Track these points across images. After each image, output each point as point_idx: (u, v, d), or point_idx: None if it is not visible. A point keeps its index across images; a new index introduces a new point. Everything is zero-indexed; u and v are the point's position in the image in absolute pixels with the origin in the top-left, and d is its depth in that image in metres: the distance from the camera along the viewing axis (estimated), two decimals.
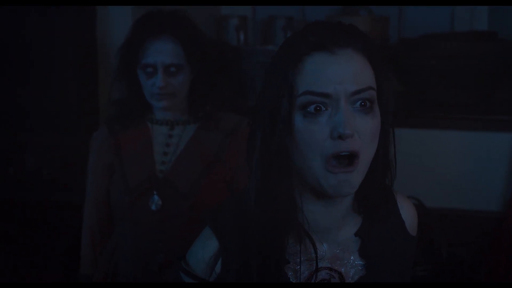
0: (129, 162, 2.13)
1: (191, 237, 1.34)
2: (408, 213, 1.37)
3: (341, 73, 1.15)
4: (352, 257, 1.29)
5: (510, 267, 2.66)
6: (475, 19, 3.41)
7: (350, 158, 1.16)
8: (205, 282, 1.25)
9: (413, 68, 2.96)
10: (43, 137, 2.82)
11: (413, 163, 2.76)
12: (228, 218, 1.26)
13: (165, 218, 2.08)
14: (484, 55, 2.85)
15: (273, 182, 1.20)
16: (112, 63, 2.19)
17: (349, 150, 1.15)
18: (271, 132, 1.19)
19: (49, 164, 2.82)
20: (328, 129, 1.15)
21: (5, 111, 2.84)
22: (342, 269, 1.28)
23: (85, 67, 2.87)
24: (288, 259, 1.23)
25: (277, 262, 1.22)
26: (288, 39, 1.23)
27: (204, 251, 1.26)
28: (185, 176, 2.09)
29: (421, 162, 2.80)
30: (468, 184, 2.85)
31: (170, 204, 2.08)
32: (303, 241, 1.23)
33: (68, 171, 2.80)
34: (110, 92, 2.20)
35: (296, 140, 1.17)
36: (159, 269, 2.09)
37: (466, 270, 2.70)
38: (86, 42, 2.87)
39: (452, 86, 2.90)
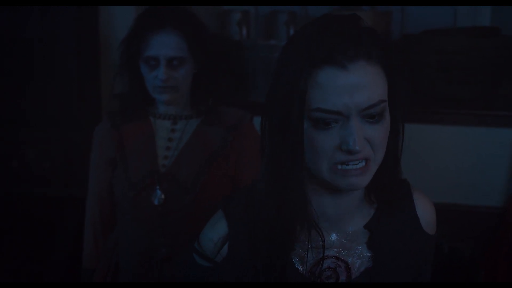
0: (131, 157, 2.13)
1: (193, 232, 1.39)
2: (424, 210, 1.37)
3: (352, 89, 1.15)
4: (360, 248, 1.30)
5: (511, 263, 2.66)
6: (478, 15, 3.40)
7: (363, 163, 1.18)
8: (213, 262, 1.29)
9: (415, 64, 2.96)
10: (45, 132, 2.83)
11: (414, 158, 2.76)
12: (240, 204, 1.29)
13: (167, 212, 2.08)
14: (487, 51, 2.85)
15: (283, 174, 1.22)
16: (114, 58, 2.19)
17: (359, 159, 1.17)
18: (280, 136, 1.21)
19: (51, 159, 2.82)
20: (338, 140, 1.16)
21: (7, 106, 2.84)
22: (349, 260, 1.29)
23: (87, 61, 2.87)
24: (294, 246, 1.26)
25: (283, 249, 1.24)
26: (299, 43, 1.20)
27: (214, 232, 1.30)
28: (188, 171, 2.09)
29: (422, 157, 2.80)
30: (469, 179, 2.85)
31: (172, 198, 2.08)
32: (311, 230, 1.25)
33: (70, 165, 2.80)
34: (113, 86, 2.20)
35: (306, 146, 1.19)
36: (161, 264, 2.10)
37: (466, 265, 2.70)
38: (88, 36, 2.87)
39: (454, 81, 2.90)
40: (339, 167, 1.18)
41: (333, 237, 1.29)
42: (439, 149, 2.87)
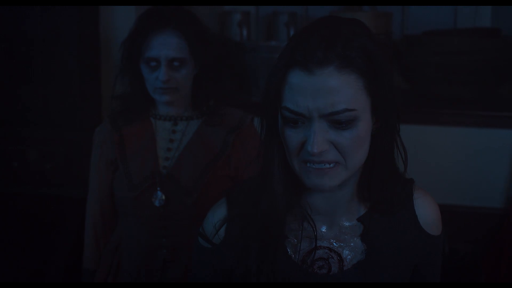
0: (132, 158, 2.13)
1: (194, 233, 1.44)
2: (424, 209, 1.38)
3: (315, 93, 1.17)
4: (353, 241, 1.33)
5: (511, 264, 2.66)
6: (479, 16, 3.41)
7: (328, 166, 1.22)
8: (212, 243, 1.36)
9: (416, 65, 2.96)
10: (46, 132, 2.82)
11: (415, 159, 2.76)
12: (242, 192, 1.36)
13: (168, 214, 2.08)
14: (487, 52, 2.85)
15: (269, 167, 1.29)
16: (115, 59, 2.19)
17: (323, 161, 1.20)
18: (265, 131, 1.28)
19: (51, 159, 2.82)
20: (304, 139, 1.21)
21: (8, 106, 2.84)
22: (343, 251, 1.33)
23: (88, 62, 2.86)
24: (287, 234, 1.31)
25: (274, 237, 1.29)
26: (287, 44, 1.25)
27: (214, 215, 1.37)
28: (189, 172, 2.09)
29: (423, 158, 2.80)
30: (470, 181, 2.85)
31: (173, 200, 2.08)
32: (303, 220, 1.30)
33: (71, 166, 2.80)
34: (114, 87, 2.20)
35: (283, 140, 1.25)
36: (162, 265, 2.10)
37: (467, 267, 2.70)
38: (89, 37, 2.87)
39: (455, 82, 2.90)
40: (308, 164, 1.22)
41: (326, 229, 1.33)
42: (440, 150, 2.87)
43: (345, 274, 1.31)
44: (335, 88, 1.17)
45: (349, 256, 1.33)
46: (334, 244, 1.33)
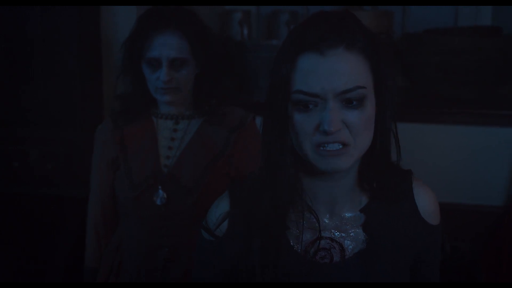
0: (133, 157, 2.13)
1: (195, 232, 1.46)
2: (423, 200, 1.40)
3: (329, 74, 1.22)
4: (355, 231, 1.36)
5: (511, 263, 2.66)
6: (479, 14, 3.40)
7: (339, 147, 1.25)
8: (214, 236, 1.38)
9: (417, 64, 2.96)
10: (47, 132, 2.83)
11: (415, 158, 2.76)
12: (244, 186, 1.39)
13: (169, 213, 2.08)
14: (488, 51, 2.85)
15: (273, 158, 1.31)
16: (116, 59, 2.19)
17: (336, 141, 1.24)
18: (271, 122, 1.30)
19: (53, 159, 2.82)
20: (318, 122, 1.24)
21: (8, 106, 2.84)
22: (344, 241, 1.35)
23: (89, 61, 2.86)
24: (289, 225, 1.33)
25: (276, 229, 1.32)
26: (289, 35, 1.30)
27: (217, 209, 1.40)
28: (189, 172, 2.09)
29: (423, 156, 2.80)
30: (470, 179, 2.85)
31: (174, 199, 2.08)
32: (304, 211, 1.33)
33: (72, 165, 2.81)
34: (115, 87, 2.20)
35: (291, 128, 1.27)
36: (163, 264, 2.10)
37: (467, 265, 2.70)
38: (90, 37, 2.87)
39: (455, 81, 2.90)
40: (321, 148, 1.24)
41: (328, 219, 1.36)
42: (440, 148, 2.87)
43: (347, 263, 1.34)
44: (346, 68, 1.23)
45: (350, 246, 1.35)
46: (336, 234, 1.35)
